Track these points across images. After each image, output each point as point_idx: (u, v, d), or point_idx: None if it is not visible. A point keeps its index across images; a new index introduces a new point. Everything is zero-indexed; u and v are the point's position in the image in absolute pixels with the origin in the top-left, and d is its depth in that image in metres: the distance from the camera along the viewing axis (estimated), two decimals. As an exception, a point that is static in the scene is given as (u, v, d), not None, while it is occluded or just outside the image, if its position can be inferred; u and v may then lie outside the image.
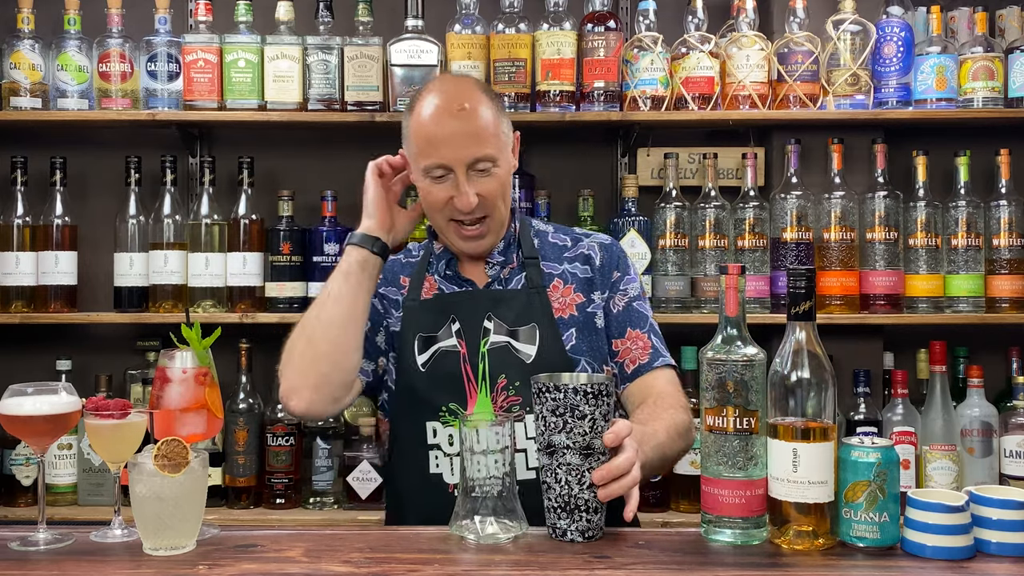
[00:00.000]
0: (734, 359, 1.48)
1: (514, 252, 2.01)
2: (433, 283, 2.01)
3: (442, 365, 1.91)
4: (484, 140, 1.88)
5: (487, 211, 1.92)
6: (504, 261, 2.00)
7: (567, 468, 1.49)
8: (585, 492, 1.49)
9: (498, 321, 1.93)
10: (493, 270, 1.99)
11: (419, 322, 1.95)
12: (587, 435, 1.48)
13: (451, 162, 1.88)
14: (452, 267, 2.01)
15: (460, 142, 1.87)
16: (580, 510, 1.49)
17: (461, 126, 1.88)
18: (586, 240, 2.06)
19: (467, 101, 1.89)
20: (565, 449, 1.48)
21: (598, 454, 1.49)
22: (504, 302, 1.95)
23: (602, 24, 2.88)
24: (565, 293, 1.98)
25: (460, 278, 2.00)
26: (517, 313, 1.94)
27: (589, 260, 2.02)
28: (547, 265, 2.01)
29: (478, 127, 1.88)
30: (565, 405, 1.48)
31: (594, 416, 1.48)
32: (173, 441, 1.45)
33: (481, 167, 1.88)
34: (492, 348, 1.91)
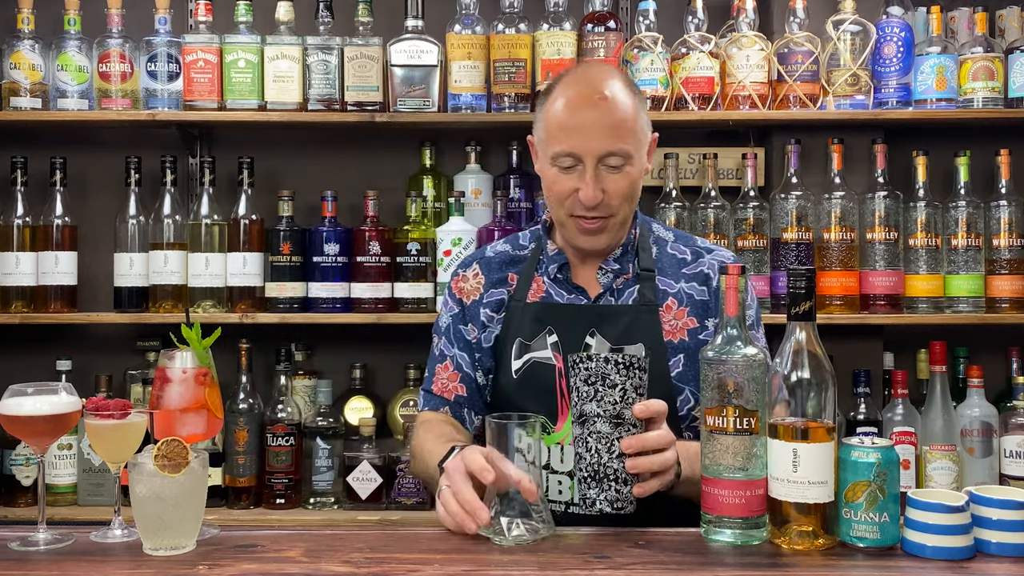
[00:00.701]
0: (734, 359, 1.48)
1: (631, 261, 1.92)
2: (541, 285, 1.93)
3: (534, 376, 1.85)
4: (621, 134, 1.79)
5: (611, 210, 1.83)
6: (619, 270, 1.91)
7: (597, 436, 1.49)
8: (615, 461, 1.49)
9: (601, 338, 1.85)
10: (606, 278, 1.90)
11: (520, 326, 1.89)
12: (617, 404, 1.49)
13: (582, 152, 1.80)
14: (564, 272, 1.93)
15: (595, 132, 1.79)
16: (609, 479, 1.49)
17: (599, 116, 1.80)
18: (707, 256, 1.94)
19: (609, 90, 1.81)
20: (596, 418, 1.49)
21: (629, 424, 1.49)
22: (611, 318, 1.86)
23: (602, 24, 2.88)
24: (678, 316, 1.88)
25: (571, 284, 1.92)
26: (623, 331, 1.85)
27: (708, 281, 1.91)
28: (663, 281, 1.90)
29: (616, 119, 1.80)
30: (596, 374, 1.49)
31: (625, 387, 1.49)
32: (173, 441, 1.45)
33: (613, 162, 1.80)
34: None
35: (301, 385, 2.99)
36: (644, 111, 1.87)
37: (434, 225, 2.97)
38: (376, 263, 2.90)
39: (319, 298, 2.91)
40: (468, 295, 1.99)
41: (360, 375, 3.03)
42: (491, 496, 1.51)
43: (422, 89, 2.86)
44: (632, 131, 1.82)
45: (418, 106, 2.86)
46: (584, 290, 1.91)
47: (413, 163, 3.12)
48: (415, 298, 2.90)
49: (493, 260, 2.01)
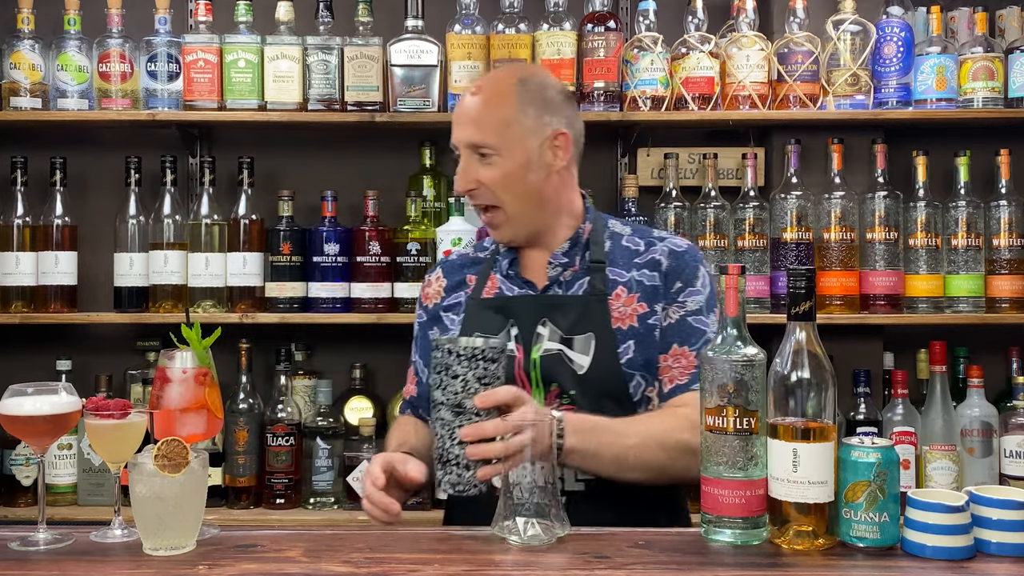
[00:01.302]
0: (734, 359, 1.48)
1: (579, 254, 1.94)
2: (495, 282, 1.98)
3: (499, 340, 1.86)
4: (483, 126, 1.87)
5: (491, 200, 1.89)
6: (567, 263, 1.94)
7: (441, 423, 1.58)
8: (456, 447, 1.57)
9: (553, 327, 1.88)
10: (554, 271, 1.93)
11: (478, 322, 1.93)
12: (459, 394, 1.57)
13: (454, 140, 1.91)
14: (514, 267, 1.97)
15: (462, 124, 1.90)
16: (451, 464, 1.57)
17: (466, 108, 1.90)
18: (660, 244, 1.96)
19: (485, 86, 1.91)
20: (440, 405, 1.58)
21: (470, 413, 1.56)
22: (561, 308, 1.89)
23: (602, 24, 2.88)
24: (627, 303, 1.89)
25: (520, 279, 1.95)
26: (574, 321, 1.87)
27: (658, 267, 1.92)
28: (614, 271, 1.92)
29: (481, 113, 1.88)
30: (442, 364, 1.57)
31: (466, 377, 1.56)
32: (173, 441, 1.45)
33: (483, 151, 1.87)
34: (545, 355, 1.86)
35: (301, 385, 2.99)
36: (542, 108, 1.89)
37: (434, 225, 2.97)
38: (376, 263, 2.90)
39: (319, 298, 2.91)
40: (431, 299, 2.06)
41: (360, 375, 3.03)
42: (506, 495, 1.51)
43: (422, 89, 2.86)
44: (502, 124, 1.86)
45: (418, 106, 2.86)
46: (533, 283, 1.95)
47: (413, 163, 3.12)
48: (415, 298, 2.88)
49: (455, 263, 2.08)
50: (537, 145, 1.89)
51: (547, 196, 1.92)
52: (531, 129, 1.88)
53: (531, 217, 1.92)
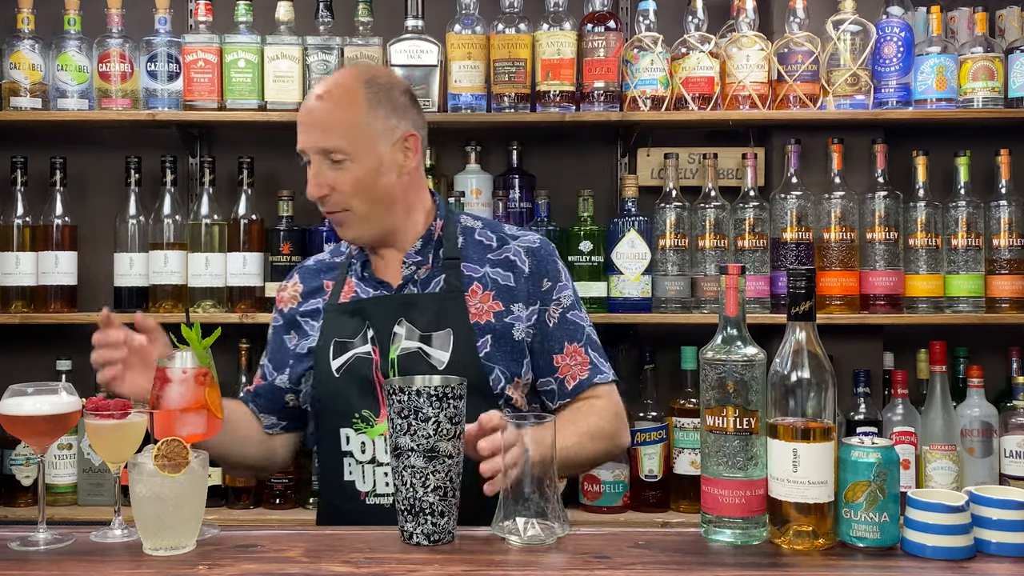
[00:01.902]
0: (734, 359, 1.48)
1: (431, 251, 1.95)
2: (352, 286, 1.97)
3: (355, 371, 1.88)
4: (331, 131, 1.85)
5: (343, 205, 1.88)
6: (420, 261, 1.94)
7: (412, 471, 1.46)
8: (430, 495, 1.47)
9: (410, 326, 1.88)
10: (408, 270, 1.93)
11: (336, 327, 1.93)
12: (431, 438, 1.46)
13: (303, 147, 1.89)
14: (367, 268, 1.97)
15: (311, 129, 1.87)
16: (425, 513, 1.47)
17: (312, 114, 1.87)
18: (513, 243, 1.98)
19: (329, 90, 1.88)
20: (410, 452, 1.46)
21: (444, 457, 1.47)
22: (417, 306, 1.90)
23: (602, 24, 2.88)
24: (484, 299, 1.91)
25: (375, 280, 1.95)
26: (431, 318, 1.88)
27: (513, 267, 1.94)
28: (468, 267, 1.94)
29: (329, 118, 1.86)
30: (409, 407, 1.46)
31: (439, 419, 1.46)
32: (173, 441, 1.45)
33: (334, 157, 1.85)
34: (403, 354, 1.86)
35: (301, 385, 2.99)
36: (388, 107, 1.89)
37: (434, 225, 2.96)
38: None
39: (319, 298, 2.91)
40: (286, 303, 2.04)
41: (360, 375, 3.02)
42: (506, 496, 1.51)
43: (422, 89, 2.86)
44: (352, 128, 1.85)
45: (418, 106, 2.86)
46: (388, 284, 1.95)
47: (413, 163, 3.12)
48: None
49: (312, 268, 2.06)
50: (388, 148, 1.89)
51: (397, 197, 1.92)
52: (381, 132, 1.88)
53: (381, 218, 1.91)
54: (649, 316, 2.90)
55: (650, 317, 2.90)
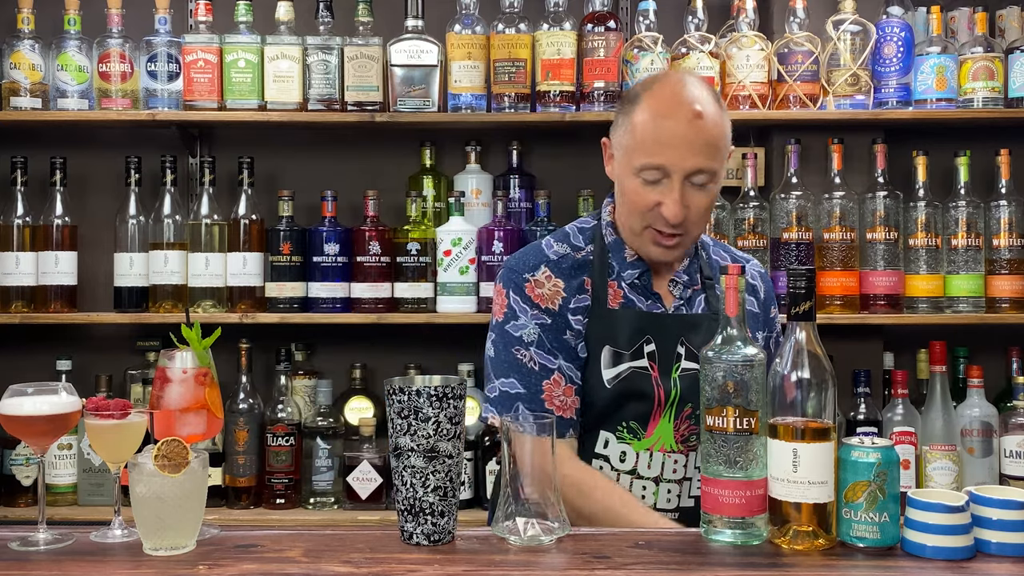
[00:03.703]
0: (734, 359, 1.48)
1: (696, 271, 1.93)
2: (618, 292, 1.90)
3: (632, 383, 1.85)
4: (711, 152, 1.79)
5: (689, 227, 1.83)
6: (689, 281, 1.92)
7: (412, 471, 1.46)
8: (430, 495, 1.46)
9: (689, 347, 1.86)
10: (678, 289, 1.91)
11: (609, 334, 1.86)
12: (430, 438, 1.45)
13: (672, 167, 1.78)
14: (645, 279, 1.90)
15: (687, 149, 1.77)
16: (425, 513, 1.47)
17: (693, 133, 1.78)
18: (747, 266, 1.95)
19: (703, 107, 1.79)
20: (409, 452, 1.46)
21: (444, 457, 1.46)
22: (694, 328, 1.88)
23: (602, 24, 2.88)
24: None
25: (649, 291, 1.90)
26: (704, 339, 1.82)
27: (755, 292, 1.94)
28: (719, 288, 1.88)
29: (708, 137, 1.79)
30: (409, 407, 1.45)
31: (438, 419, 1.46)
32: (173, 441, 1.45)
33: (699, 180, 1.79)
34: (683, 375, 1.85)
35: (301, 385, 2.99)
36: (729, 126, 1.86)
37: (434, 225, 2.97)
38: (376, 263, 2.90)
39: (319, 298, 2.91)
40: (549, 301, 1.89)
41: (360, 375, 3.03)
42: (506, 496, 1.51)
43: (422, 89, 2.86)
44: (721, 149, 1.82)
45: (418, 106, 2.86)
46: (660, 297, 1.91)
47: (413, 163, 3.12)
48: (415, 298, 2.90)
49: (561, 264, 1.92)
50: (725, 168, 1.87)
51: None
52: (728, 149, 1.86)
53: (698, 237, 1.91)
54: (649, 316, 2.89)
55: (650, 317, 2.89)
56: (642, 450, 1.84)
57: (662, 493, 1.84)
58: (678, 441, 1.85)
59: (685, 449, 1.86)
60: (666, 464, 1.85)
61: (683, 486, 1.87)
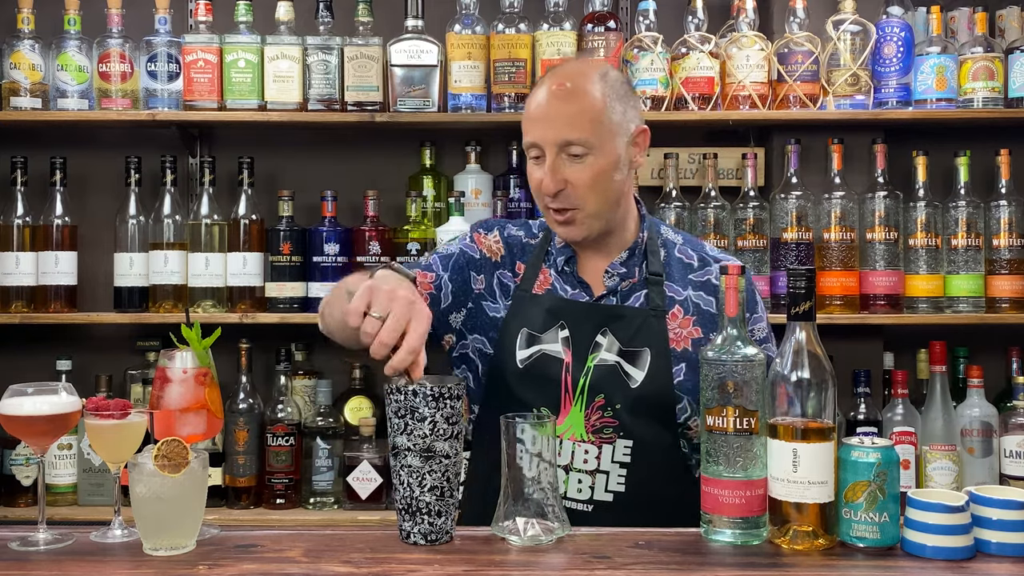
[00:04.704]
0: (734, 359, 1.48)
1: (638, 265, 1.91)
2: (548, 277, 1.91)
3: (541, 368, 1.85)
4: (577, 123, 1.78)
5: (576, 201, 1.82)
6: (625, 274, 1.90)
7: (408, 470, 1.47)
8: (426, 495, 1.46)
9: (612, 339, 1.84)
10: (612, 281, 1.90)
11: (526, 316, 1.88)
12: (427, 437, 1.46)
13: (540, 140, 1.81)
14: (571, 264, 1.91)
15: (552, 121, 1.79)
16: (422, 512, 1.47)
17: (556, 106, 1.80)
18: (716, 266, 1.94)
19: (573, 81, 1.81)
20: (406, 451, 1.46)
21: (440, 457, 1.46)
22: (622, 320, 1.86)
23: (602, 24, 2.88)
24: (684, 324, 1.86)
25: (576, 278, 1.90)
26: (632, 333, 1.84)
27: (716, 292, 1.89)
28: (671, 287, 1.89)
29: (576, 108, 1.79)
30: (405, 407, 1.46)
31: (435, 419, 1.46)
32: (173, 441, 1.45)
33: (574, 151, 1.79)
34: (599, 365, 1.84)
35: (301, 385, 2.99)
36: (625, 104, 1.84)
37: (434, 225, 2.97)
38: (376, 263, 2.90)
39: (319, 298, 2.89)
40: (489, 251, 1.96)
41: (360, 375, 3.03)
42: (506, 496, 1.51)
43: (422, 89, 2.86)
44: (596, 121, 1.80)
45: (418, 106, 2.86)
46: (588, 286, 1.90)
47: (413, 163, 3.12)
48: (415, 298, 2.89)
49: (510, 240, 1.98)
50: (623, 142, 1.84)
51: (623, 196, 1.88)
52: (619, 125, 1.82)
53: (607, 217, 1.87)
54: (649, 316, 2.89)
55: (650, 317, 2.89)
56: None
57: (572, 482, 1.82)
58: (589, 431, 1.81)
59: (598, 441, 1.82)
60: (576, 453, 1.82)
61: (596, 478, 1.82)
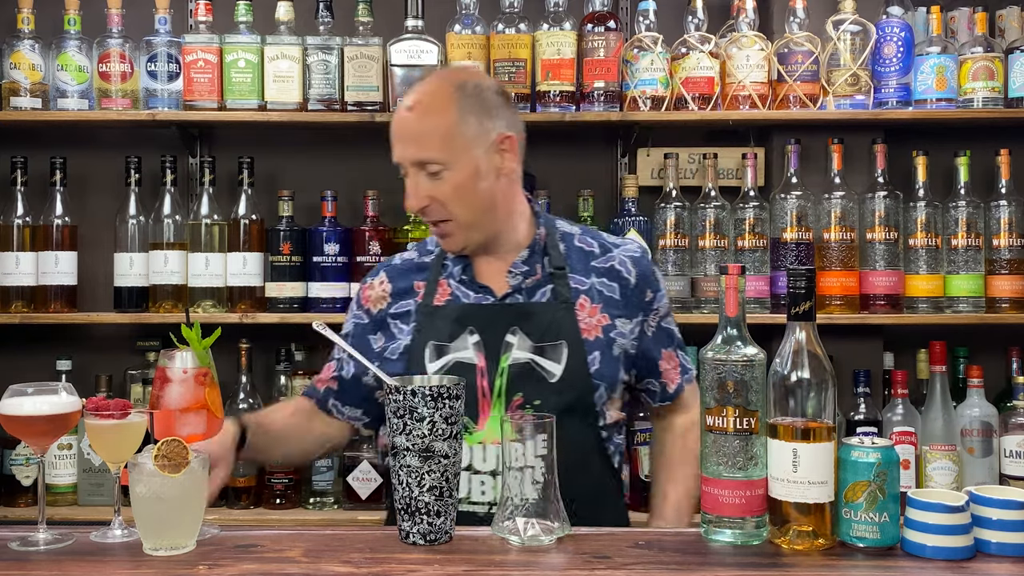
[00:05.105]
0: (734, 359, 1.48)
1: (538, 262, 1.93)
2: (447, 288, 1.93)
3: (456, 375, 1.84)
4: (425, 142, 1.82)
5: (444, 215, 1.85)
6: (528, 271, 1.92)
7: (407, 470, 1.47)
8: (425, 495, 1.47)
9: (523, 336, 1.86)
10: (515, 279, 1.91)
11: (432, 329, 1.89)
12: (426, 437, 1.46)
13: (399, 160, 1.86)
14: (468, 272, 1.93)
15: (404, 143, 1.85)
16: (421, 513, 1.47)
17: (406, 126, 1.85)
18: (616, 251, 1.97)
19: (421, 100, 1.85)
20: (405, 451, 1.47)
21: (439, 457, 1.47)
22: (531, 316, 1.87)
23: (602, 24, 2.88)
24: (591, 313, 1.90)
25: (476, 284, 1.92)
26: (544, 329, 1.86)
27: (619, 277, 1.94)
28: (575, 278, 1.93)
29: (420, 129, 1.83)
30: (404, 407, 1.46)
31: (433, 419, 1.46)
32: (173, 441, 1.45)
33: (431, 169, 1.82)
34: (513, 364, 1.85)
35: (301, 385, 2.98)
36: (483, 114, 1.85)
37: (434, 225, 2.96)
38: (376, 263, 2.89)
39: (319, 298, 2.91)
40: (375, 303, 1.99)
41: (360, 375, 3.02)
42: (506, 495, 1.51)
43: (422, 89, 2.85)
44: (446, 137, 1.82)
45: (418, 106, 2.86)
46: (490, 290, 1.91)
47: (413, 163, 3.12)
48: (415, 298, 2.89)
49: (400, 267, 2.01)
50: (484, 152, 1.85)
51: (498, 201, 1.89)
52: (475, 136, 1.84)
53: (484, 225, 1.89)
54: (649, 316, 2.89)
55: (650, 317, 2.89)
56: (475, 444, 1.83)
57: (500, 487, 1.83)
58: None
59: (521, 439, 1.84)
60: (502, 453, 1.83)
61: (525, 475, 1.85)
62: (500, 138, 1.87)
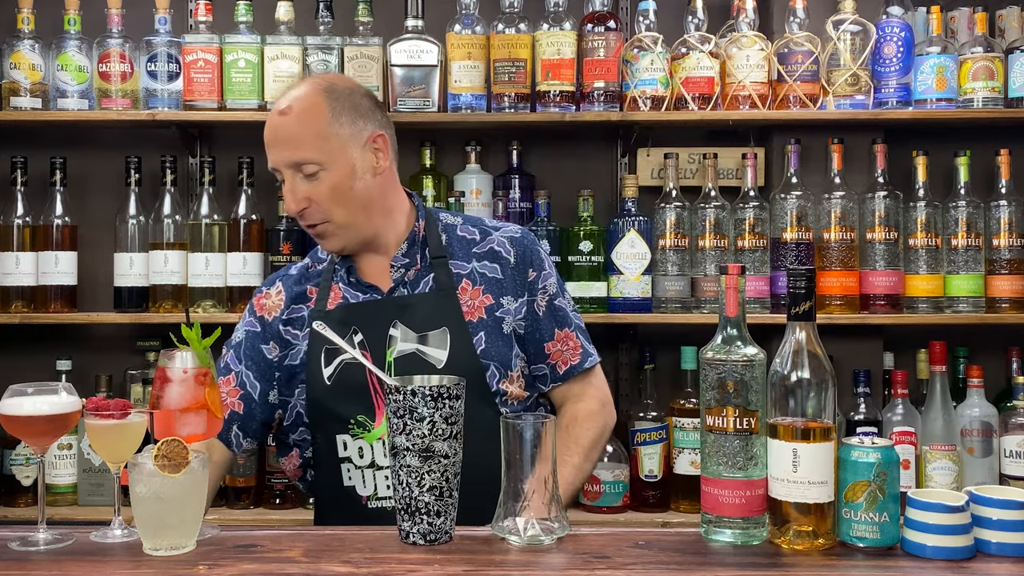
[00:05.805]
0: (734, 359, 1.48)
1: (418, 252, 1.96)
2: (338, 292, 1.96)
3: (347, 377, 1.87)
4: (299, 144, 1.85)
5: (323, 216, 1.88)
6: (408, 263, 1.95)
7: (407, 470, 1.47)
8: (425, 495, 1.47)
9: (405, 328, 1.89)
10: (397, 273, 1.94)
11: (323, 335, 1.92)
12: (426, 437, 1.46)
13: (275, 165, 1.89)
14: (353, 273, 1.96)
15: (279, 146, 1.88)
16: (420, 513, 1.47)
17: (280, 130, 1.88)
18: (496, 234, 2.00)
19: (291, 103, 1.88)
20: (405, 451, 1.47)
21: (439, 457, 1.47)
22: (411, 308, 1.91)
23: (602, 24, 2.88)
24: (474, 295, 1.93)
25: (362, 284, 1.95)
26: (425, 318, 1.89)
27: (499, 258, 1.97)
28: (456, 264, 1.96)
29: (295, 131, 1.86)
30: (404, 407, 1.46)
31: (433, 419, 1.46)
32: (173, 441, 1.45)
33: (307, 170, 1.86)
34: (400, 357, 1.87)
35: (301, 385, 2.99)
36: (355, 114, 1.89)
37: (434, 225, 2.96)
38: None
39: (319, 298, 2.91)
40: (269, 312, 1.99)
41: (360, 375, 3.02)
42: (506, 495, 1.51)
43: (422, 89, 2.86)
44: (320, 138, 1.85)
45: (418, 106, 2.86)
46: (377, 287, 1.94)
47: (413, 163, 3.12)
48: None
49: (294, 276, 2.02)
50: (359, 151, 1.88)
51: (375, 200, 1.92)
52: (348, 137, 1.88)
53: (362, 223, 1.91)
54: (649, 316, 2.90)
55: (650, 317, 2.90)
56: (375, 440, 1.85)
57: None
58: None
59: None
60: None
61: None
62: (373, 136, 1.91)
